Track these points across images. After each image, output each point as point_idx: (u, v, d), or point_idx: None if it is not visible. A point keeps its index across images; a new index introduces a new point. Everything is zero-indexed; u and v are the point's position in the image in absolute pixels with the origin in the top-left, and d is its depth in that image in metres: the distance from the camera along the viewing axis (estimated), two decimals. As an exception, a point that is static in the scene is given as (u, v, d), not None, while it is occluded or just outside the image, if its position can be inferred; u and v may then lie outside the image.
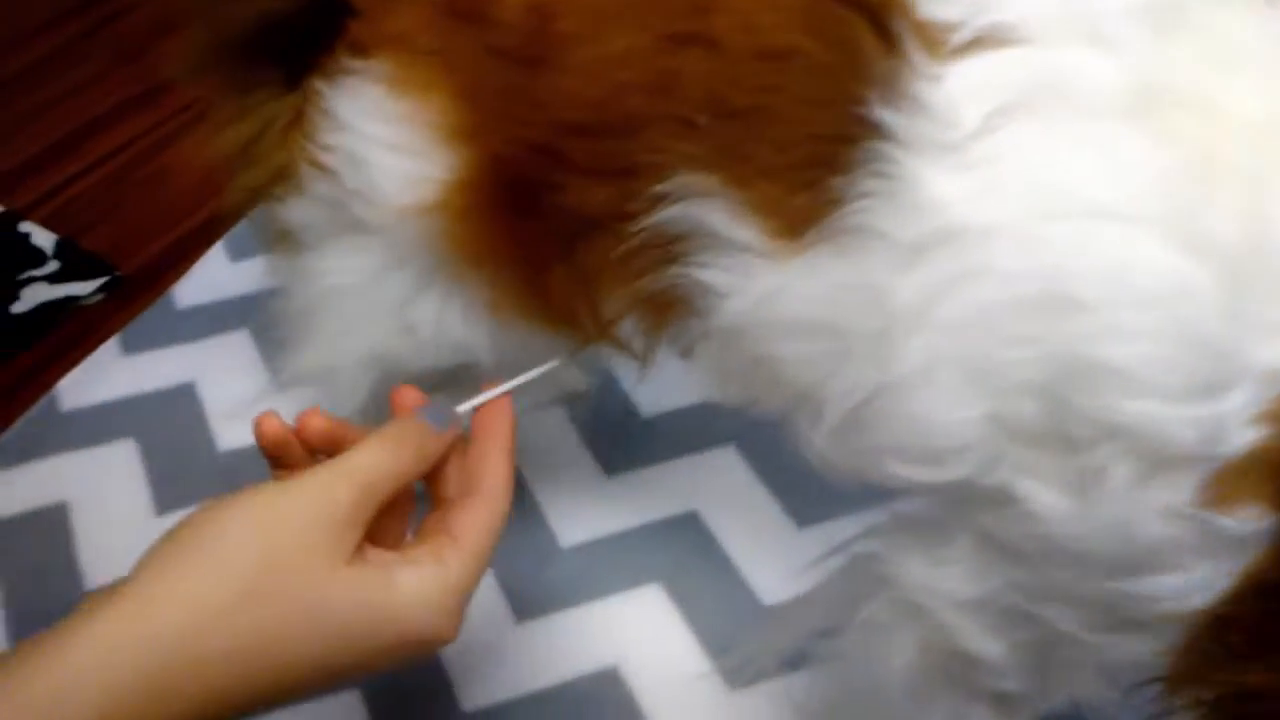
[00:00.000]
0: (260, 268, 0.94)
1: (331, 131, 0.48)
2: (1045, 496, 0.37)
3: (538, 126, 0.43)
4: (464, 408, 0.46)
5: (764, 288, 0.41)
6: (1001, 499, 0.38)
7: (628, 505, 0.74)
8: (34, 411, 0.83)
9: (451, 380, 0.55)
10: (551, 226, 0.46)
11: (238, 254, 0.96)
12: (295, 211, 0.53)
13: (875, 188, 0.37)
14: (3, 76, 1.16)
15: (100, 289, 0.93)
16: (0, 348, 0.87)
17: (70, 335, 0.90)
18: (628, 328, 0.48)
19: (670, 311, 0.46)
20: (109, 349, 0.88)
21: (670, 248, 0.43)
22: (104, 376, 0.86)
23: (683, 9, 0.42)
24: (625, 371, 0.77)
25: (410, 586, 0.39)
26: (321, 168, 0.49)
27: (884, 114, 0.37)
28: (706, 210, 0.42)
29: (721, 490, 0.74)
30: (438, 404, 0.44)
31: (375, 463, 0.40)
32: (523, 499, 0.74)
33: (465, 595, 0.41)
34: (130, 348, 0.88)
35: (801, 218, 0.39)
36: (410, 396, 0.45)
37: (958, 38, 0.37)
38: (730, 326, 0.43)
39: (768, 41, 0.40)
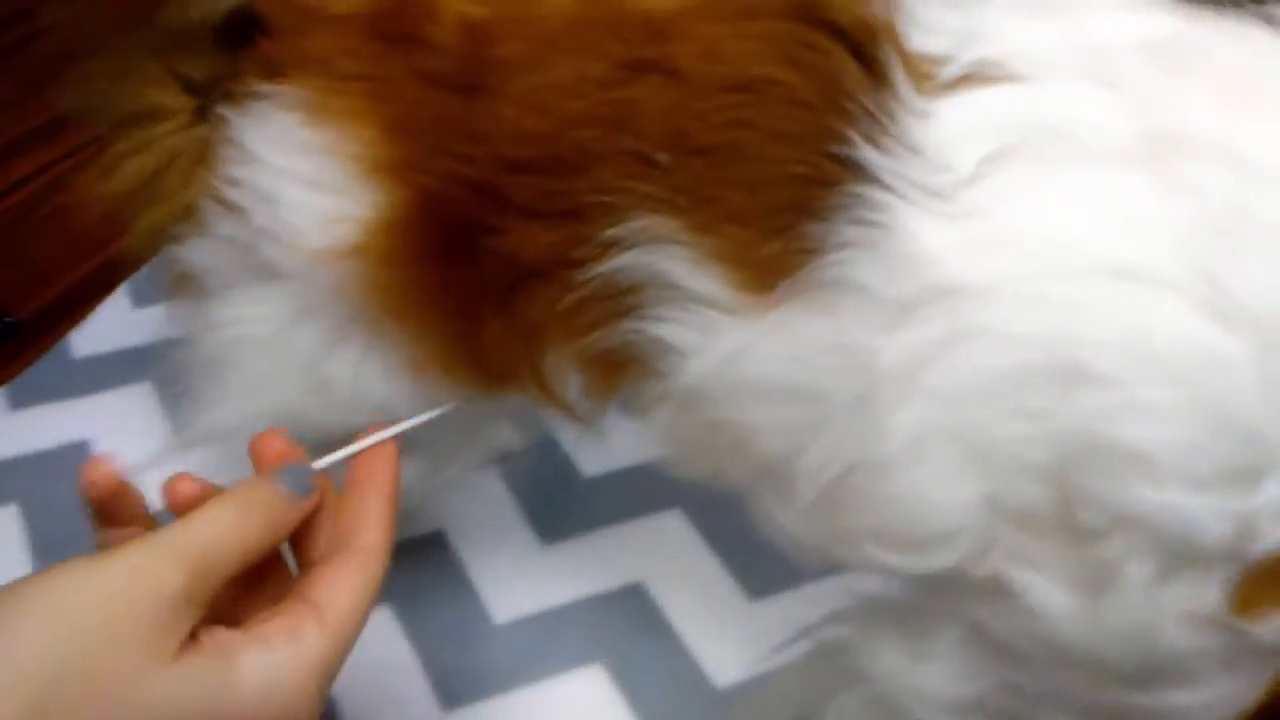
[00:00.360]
0: (165, 315, 0.87)
1: (239, 164, 0.42)
2: (1048, 592, 0.33)
3: (474, 162, 0.39)
4: (336, 456, 0.40)
5: (729, 346, 0.37)
6: (996, 591, 0.34)
7: (566, 576, 0.68)
8: (-97, 474, 0.74)
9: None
10: (487, 274, 0.41)
11: (141, 300, 0.89)
12: (198, 253, 0.47)
13: (857, 237, 0.33)
14: (-106, 107, 1.08)
15: (-12, 336, 0.85)
16: None
17: (-49, 386, 0.82)
18: (572, 387, 0.43)
19: (622, 371, 0.41)
20: (-7, 403, 0.80)
21: (623, 300, 0.39)
22: (-15, 434, 0.77)
23: (638, 34, 0.38)
24: (563, 428, 0.72)
25: (256, 674, 0.33)
26: (227, 205, 0.44)
27: (867, 154, 0.33)
28: (665, 258, 0.37)
29: (667, 559, 0.69)
30: (297, 466, 0.38)
31: (212, 535, 0.34)
32: (450, 570, 0.68)
33: (328, 674, 0.35)
34: (19, 402, 0.80)
35: (773, 268, 0.35)
36: (272, 447, 0.39)
37: (947, 72, 0.34)
38: (690, 389, 0.38)
39: (735, 71, 0.36)
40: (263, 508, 0.36)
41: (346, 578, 0.37)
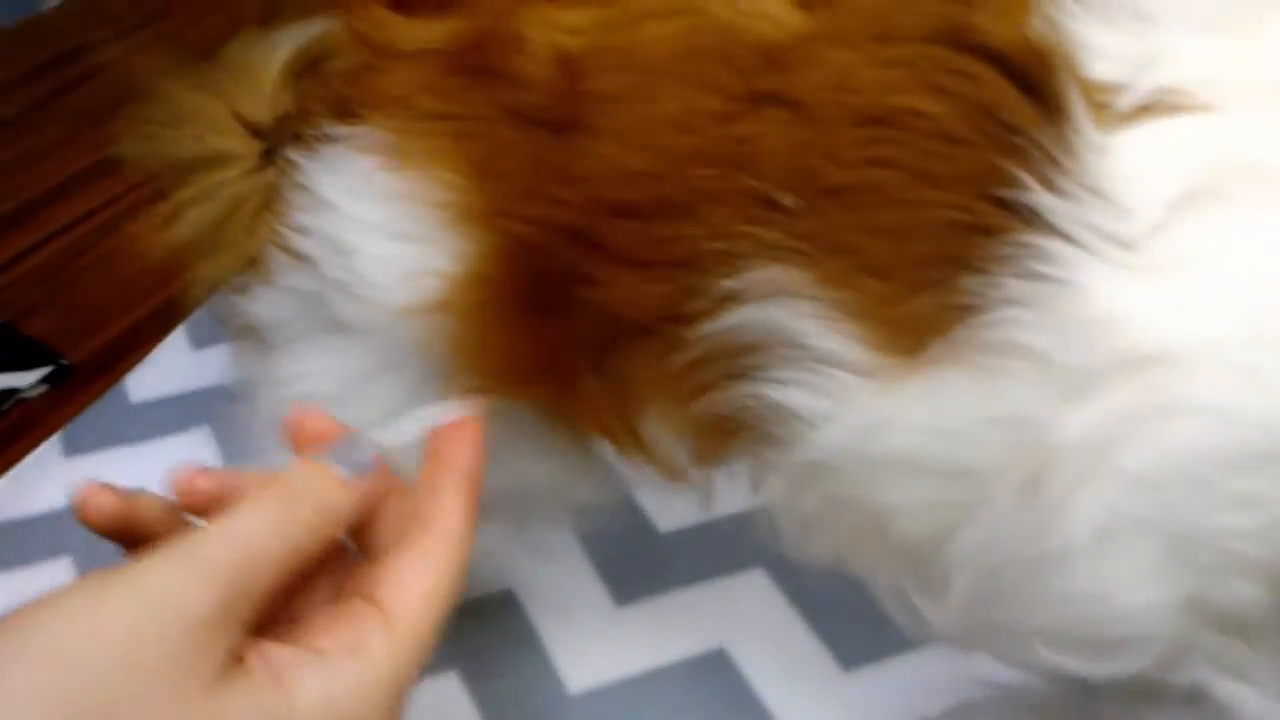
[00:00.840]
0: (225, 356, 0.85)
1: (310, 212, 0.39)
2: (1260, 707, 0.27)
3: (570, 206, 0.35)
4: (406, 429, 0.34)
5: (866, 416, 0.32)
6: (1190, 700, 0.29)
7: (644, 640, 0.63)
8: (-42, 524, 0.72)
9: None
10: (582, 329, 0.37)
11: (200, 342, 0.87)
12: (263, 305, 0.43)
13: (1026, 293, 0.29)
14: (-43, 140, 1.08)
15: (43, 380, 0.83)
16: (-76, 448, 0.76)
17: (6, 433, 0.79)
18: (675, 452, 0.39)
19: (735, 437, 0.36)
20: (49, 449, 0.78)
21: (740, 360, 0.34)
22: (41, 482, 0.75)
23: (754, 62, 0.34)
24: (637, 479, 0.68)
25: (314, 698, 0.28)
26: (296, 255, 0.40)
27: (1040, 198, 0.28)
28: (790, 314, 0.33)
29: (751, 623, 0.64)
30: (352, 438, 0.32)
31: (249, 541, 0.28)
32: (521, 632, 0.64)
33: (399, 688, 0.30)
34: (74, 448, 0.78)
35: (919, 327, 0.31)
36: (312, 427, 0.34)
37: (1123, 101, 0.29)
38: (817, 461, 0.34)
39: (871, 103, 0.31)
40: (309, 498, 0.30)
41: (417, 572, 0.31)
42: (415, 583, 0.31)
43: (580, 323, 0.36)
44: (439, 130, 0.37)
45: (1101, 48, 0.30)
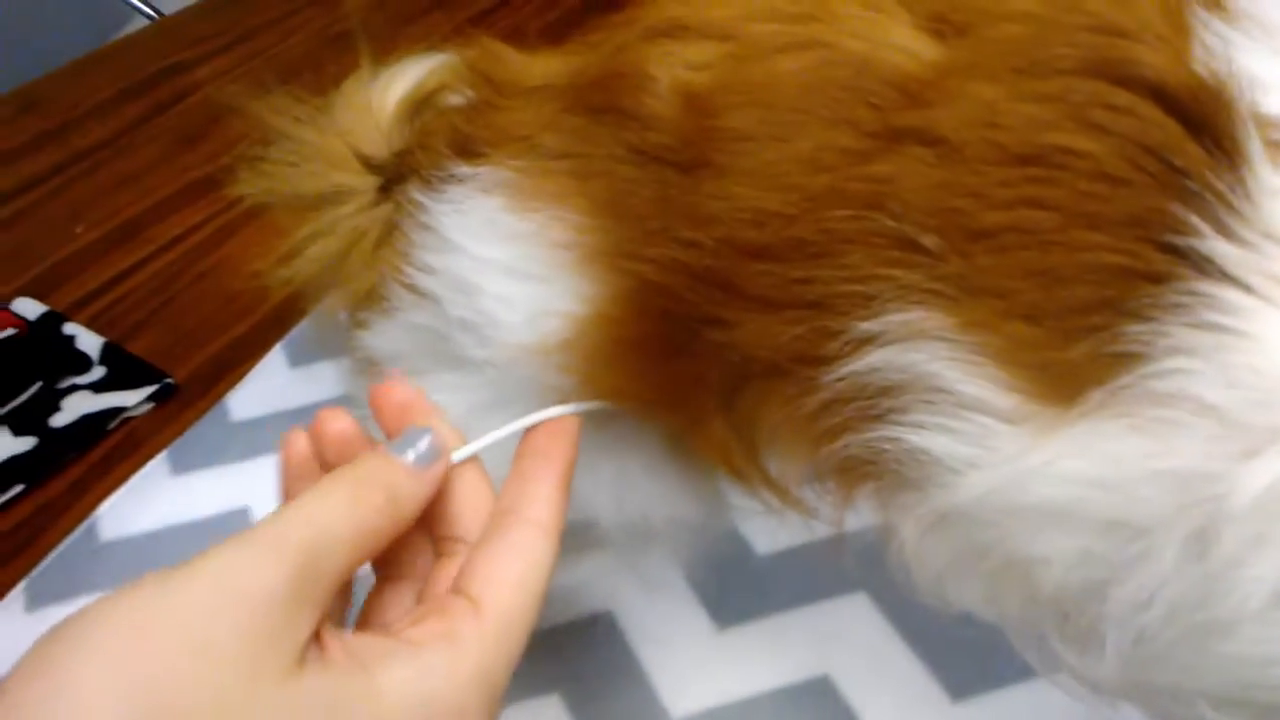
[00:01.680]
0: (324, 374, 0.86)
1: (434, 252, 0.39)
2: None
3: (699, 248, 0.34)
4: (503, 431, 0.33)
5: (1014, 463, 0.31)
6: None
7: (746, 665, 0.63)
8: (70, 542, 0.74)
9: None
10: (711, 369, 0.36)
11: (298, 359, 0.88)
12: (383, 339, 0.44)
13: (1198, 343, 0.27)
14: (54, 163, 1.11)
15: (149, 398, 0.85)
16: (37, 466, 0.79)
17: (113, 451, 0.82)
18: (806, 492, 0.38)
19: (869, 480, 0.35)
20: (156, 468, 0.80)
21: (877, 402, 0.33)
22: (149, 500, 0.77)
23: (892, 97, 0.33)
24: (735, 499, 0.67)
25: (401, 687, 0.27)
26: (419, 293, 0.40)
27: (1213, 245, 0.27)
28: (932, 358, 0.32)
29: (855, 649, 0.63)
30: (415, 429, 0.32)
31: (320, 521, 0.28)
32: (622, 656, 0.64)
33: (492, 684, 0.28)
34: (179, 466, 0.80)
35: (1077, 375, 0.29)
36: (396, 399, 0.33)
37: (1298, 138, 0.28)
38: (959, 509, 0.33)
39: (1021, 140, 0.30)
40: (381, 484, 0.30)
41: (508, 564, 0.30)
42: (507, 574, 0.30)
43: (709, 363, 0.36)
44: (563, 169, 0.37)
45: (1272, 81, 0.29)
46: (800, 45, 0.34)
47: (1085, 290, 0.29)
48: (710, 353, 0.36)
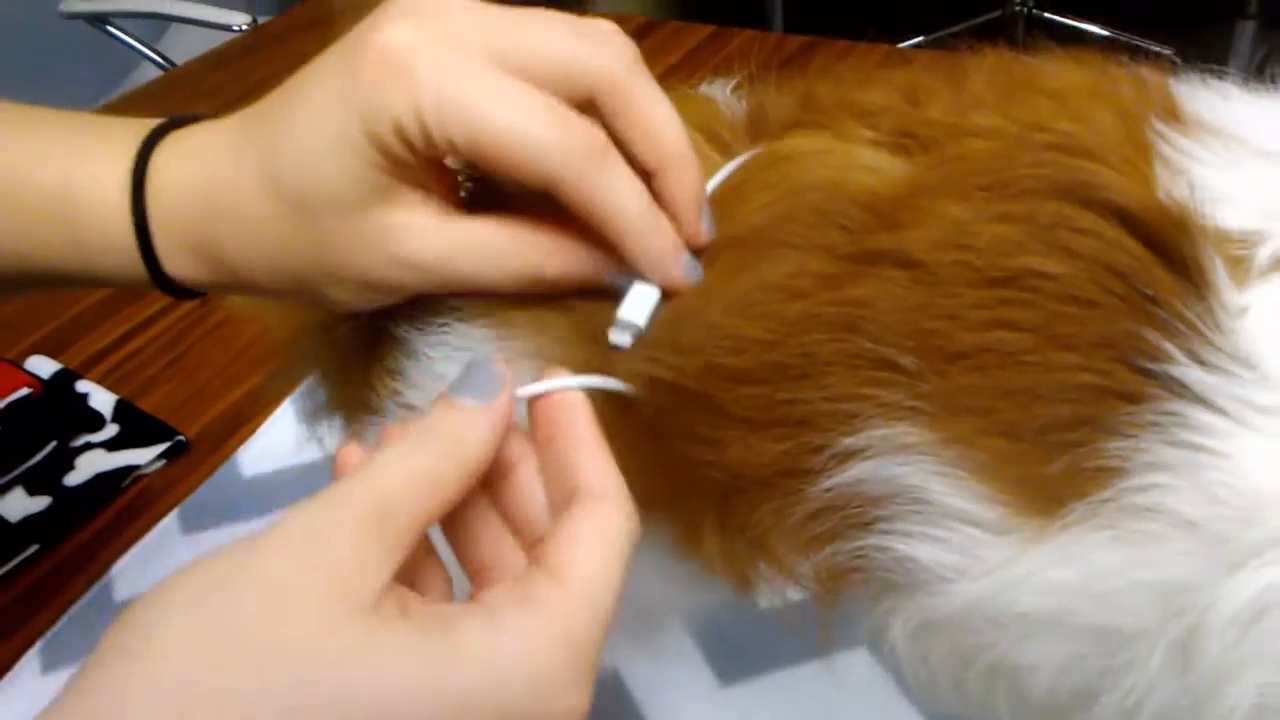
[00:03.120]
0: (331, 428, 0.87)
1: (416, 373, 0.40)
2: None
3: (684, 374, 0.35)
4: (527, 390, 0.32)
5: (1001, 574, 0.31)
6: None
7: (752, 722, 0.63)
8: (85, 602, 0.75)
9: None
10: (701, 481, 0.36)
11: (307, 414, 0.89)
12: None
13: (1174, 460, 0.28)
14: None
15: (161, 455, 0.86)
16: (52, 526, 0.80)
17: (126, 510, 0.83)
18: (797, 596, 0.38)
19: (856, 585, 0.36)
20: (169, 526, 0.81)
21: (863, 511, 0.34)
22: (162, 559, 0.78)
23: (862, 219, 0.33)
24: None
25: (482, 646, 0.26)
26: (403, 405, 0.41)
27: (1184, 371, 0.27)
28: (914, 471, 0.32)
29: (861, 704, 0.63)
30: (475, 368, 0.30)
31: (386, 474, 0.27)
32: (626, 712, 0.64)
33: (579, 649, 0.27)
34: (191, 525, 0.81)
35: (1058, 489, 0.30)
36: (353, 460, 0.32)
37: (1262, 254, 0.28)
38: (947, 616, 0.33)
39: (995, 264, 0.31)
40: (444, 433, 0.29)
41: (582, 532, 0.29)
42: (584, 541, 0.29)
43: (702, 475, 0.36)
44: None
45: (1230, 194, 0.29)
46: (767, 184, 0.34)
47: (1063, 408, 0.30)
48: (701, 469, 0.36)
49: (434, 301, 0.38)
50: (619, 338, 0.34)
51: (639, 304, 0.34)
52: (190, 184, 0.36)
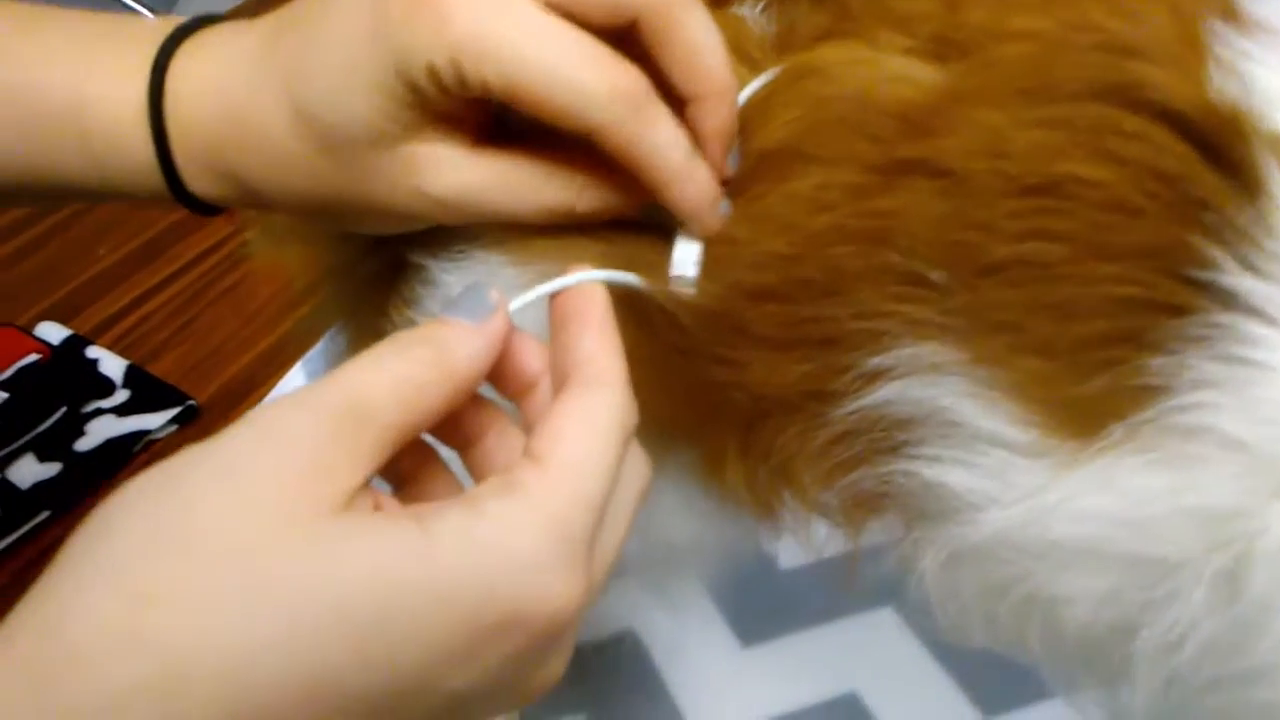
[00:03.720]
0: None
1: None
2: None
3: (705, 293, 0.33)
4: (522, 300, 0.30)
5: (1035, 500, 0.30)
6: None
7: (772, 683, 0.62)
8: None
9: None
10: (726, 405, 0.35)
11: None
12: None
13: (1223, 376, 0.26)
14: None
15: (172, 420, 0.85)
16: (63, 492, 0.79)
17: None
18: (821, 526, 0.37)
19: (883, 513, 0.35)
20: (180, 490, 0.80)
21: (889, 435, 0.33)
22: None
23: (892, 128, 0.32)
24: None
25: (458, 532, 0.24)
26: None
27: (1235, 280, 0.26)
28: (944, 392, 0.31)
29: (882, 665, 0.62)
30: (469, 292, 0.29)
31: (363, 373, 0.26)
32: (646, 674, 0.63)
33: (568, 536, 0.25)
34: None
35: (1095, 409, 0.28)
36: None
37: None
38: (977, 545, 0.32)
39: (1030, 170, 0.29)
40: (425, 338, 0.27)
41: (570, 416, 0.27)
42: (570, 425, 0.27)
43: (725, 399, 0.35)
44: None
45: (1291, 98, 0.28)
46: (790, 100, 0.33)
47: (1101, 323, 0.28)
48: (722, 393, 0.35)
49: (452, 228, 0.37)
50: (681, 289, 0.33)
51: (688, 258, 0.33)
52: (210, 102, 0.35)
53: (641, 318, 0.32)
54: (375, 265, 0.41)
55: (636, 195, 0.34)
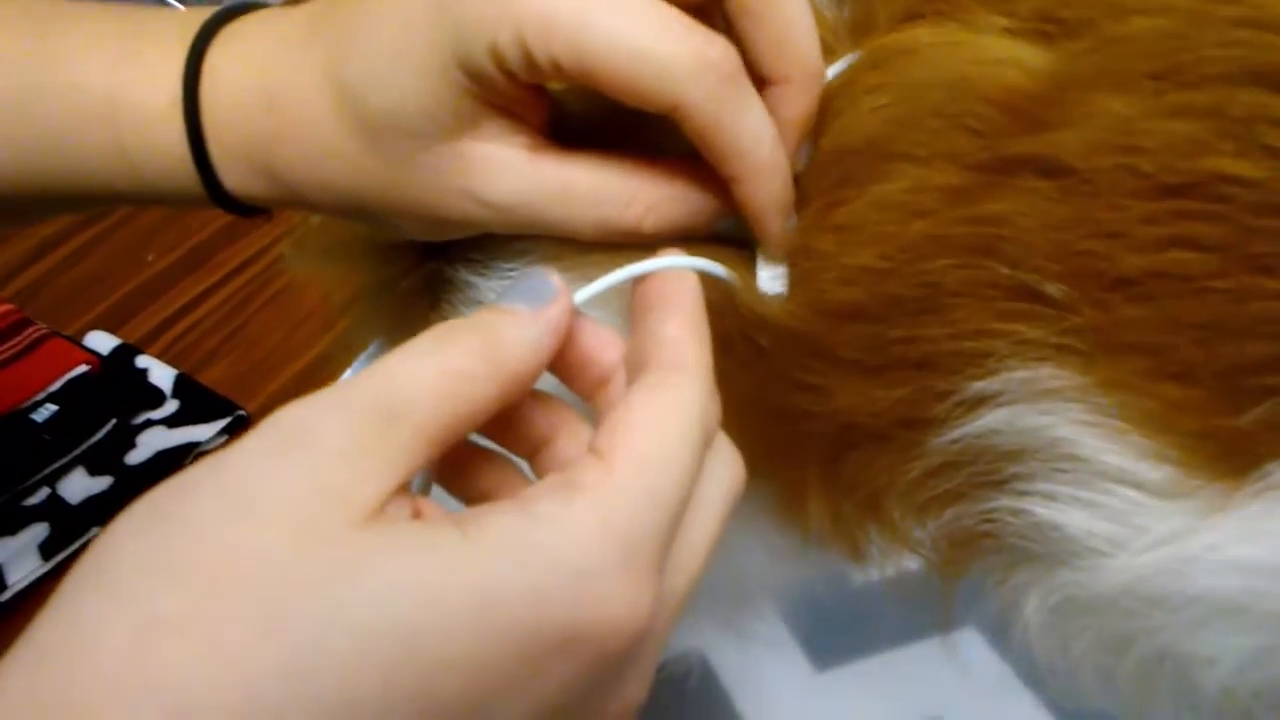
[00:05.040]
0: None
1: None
2: None
3: (786, 312, 0.30)
4: (599, 285, 0.28)
5: (1171, 548, 0.26)
6: None
7: (851, 710, 0.59)
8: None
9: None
10: (809, 435, 0.32)
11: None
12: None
13: None
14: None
15: (222, 431, 0.84)
16: (115, 507, 0.78)
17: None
18: (913, 563, 0.33)
19: (984, 553, 0.31)
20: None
21: (995, 468, 0.29)
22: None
23: (997, 120, 0.28)
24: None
25: (501, 533, 0.22)
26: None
27: None
28: (1064, 420, 0.27)
29: (967, 691, 0.58)
30: (526, 277, 0.26)
31: (400, 367, 0.23)
32: (716, 699, 0.60)
33: (635, 536, 0.22)
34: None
35: (1250, 446, 0.25)
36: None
37: None
38: (1098, 594, 0.28)
39: (1172, 168, 0.25)
40: (479, 327, 0.24)
41: (641, 409, 0.24)
42: (642, 421, 0.24)
43: (806, 428, 0.31)
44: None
45: None
46: (877, 86, 0.29)
47: (1259, 346, 0.24)
48: (806, 420, 0.31)
49: (500, 242, 0.34)
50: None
51: (773, 277, 0.30)
52: (248, 90, 0.32)
53: (716, 339, 0.29)
54: (415, 282, 0.38)
55: (709, 215, 0.30)
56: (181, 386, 0.87)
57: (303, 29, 0.32)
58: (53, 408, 0.83)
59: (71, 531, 0.75)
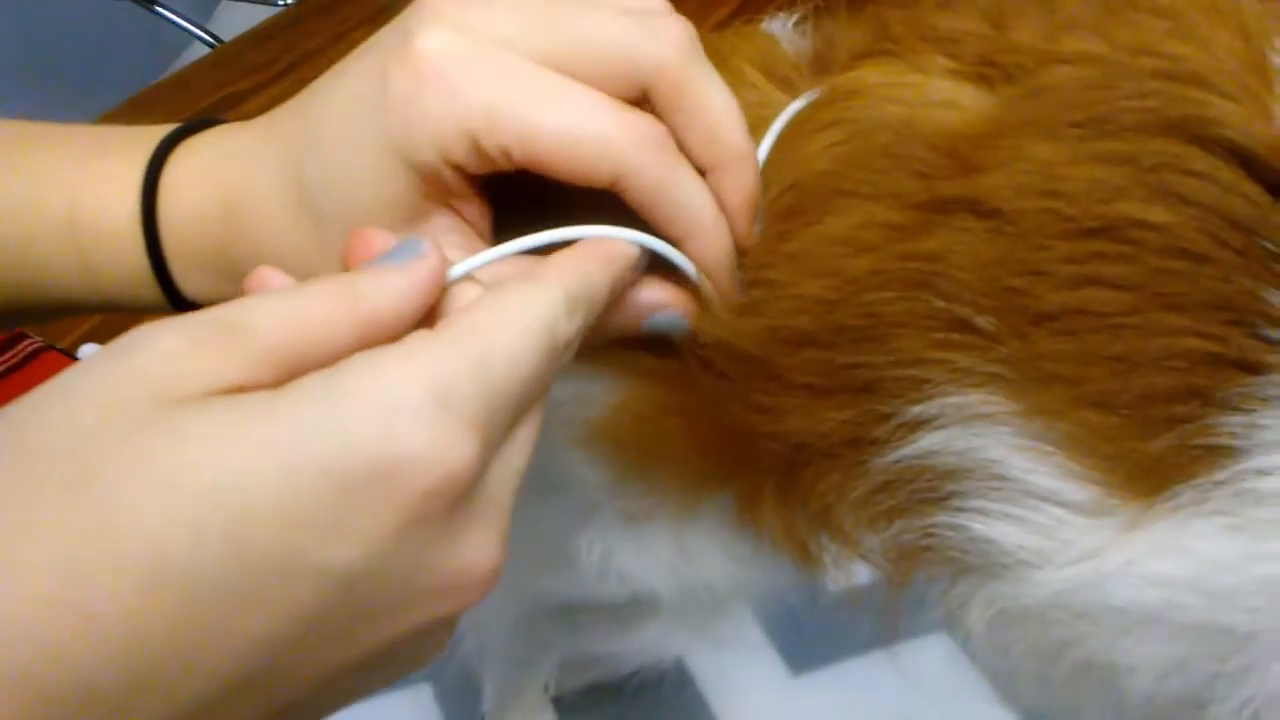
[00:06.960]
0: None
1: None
2: None
3: (743, 335, 0.32)
4: (479, 259, 0.28)
5: (1094, 562, 0.28)
6: None
7: (823, 713, 0.61)
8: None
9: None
10: (762, 456, 0.34)
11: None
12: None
13: (1303, 439, 0.24)
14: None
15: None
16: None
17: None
18: (863, 574, 0.35)
19: (928, 565, 0.33)
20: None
21: (935, 485, 0.31)
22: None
23: (937, 163, 0.30)
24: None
25: (318, 388, 0.22)
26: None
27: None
28: (992, 442, 0.29)
29: (937, 695, 0.60)
30: (403, 242, 0.26)
31: (259, 299, 0.23)
32: (693, 705, 0.62)
33: (455, 393, 0.22)
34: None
35: (1161, 468, 0.26)
36: (375, 242, 0.27)
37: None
38: (1028, 606, 0.30)
39: (1089, 212, 0.27)
40: (334, 279, 0.24)
41: (485, 300, 0.25)
42: (483, 307, 0.25)
43: (759, 449, 0.33)
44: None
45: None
46: (830, 123, 0.31)
47: (1167, 377, 0.26)
48: (761, 440, 0.33)
49: None
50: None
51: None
52: (206, 202, 0.33)
53: (677, 370, 0.31)
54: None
55: (641, 306, 0.31)
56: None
57: (260, 133, 0.33)
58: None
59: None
